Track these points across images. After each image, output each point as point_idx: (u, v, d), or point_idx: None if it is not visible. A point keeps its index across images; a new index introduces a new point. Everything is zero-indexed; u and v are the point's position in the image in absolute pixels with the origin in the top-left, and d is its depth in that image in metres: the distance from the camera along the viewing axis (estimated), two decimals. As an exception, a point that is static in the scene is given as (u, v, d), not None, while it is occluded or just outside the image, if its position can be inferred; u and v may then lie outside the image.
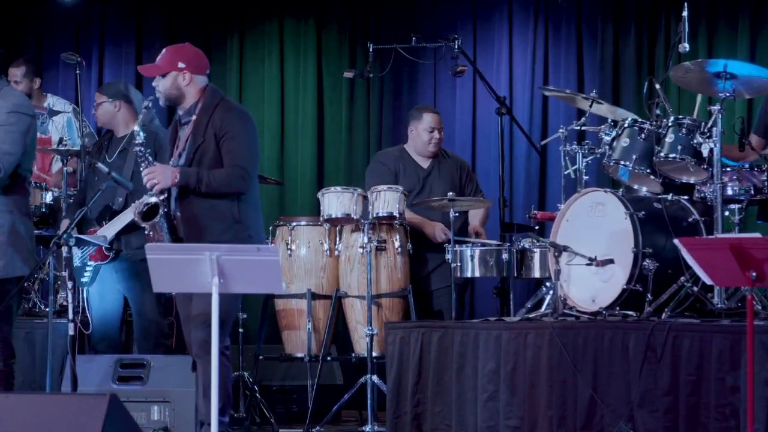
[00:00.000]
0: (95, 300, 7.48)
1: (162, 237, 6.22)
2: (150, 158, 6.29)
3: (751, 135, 7.29)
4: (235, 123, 6.30)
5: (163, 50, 6.40)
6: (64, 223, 7.27)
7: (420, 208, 7.80)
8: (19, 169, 6.17)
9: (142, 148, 6.30)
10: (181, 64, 6.33)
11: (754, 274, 5.02)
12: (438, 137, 8.04)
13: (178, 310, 6.50)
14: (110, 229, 7.29)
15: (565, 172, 7.37)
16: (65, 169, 8.14)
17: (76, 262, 7.43)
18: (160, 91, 6.34)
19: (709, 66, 6.74)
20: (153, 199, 6.21)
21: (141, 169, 6.32)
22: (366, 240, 7.45)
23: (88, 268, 7.43)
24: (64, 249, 6.21)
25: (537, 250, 7.40)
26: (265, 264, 5.37)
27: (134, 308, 7.49)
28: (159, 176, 6.22)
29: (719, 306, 6.46)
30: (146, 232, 6.33)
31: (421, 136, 8.03)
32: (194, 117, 6.34)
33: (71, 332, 6.23)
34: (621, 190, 7.02)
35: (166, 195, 6.26)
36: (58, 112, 8.77)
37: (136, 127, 6.34)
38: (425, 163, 8.06)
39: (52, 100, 8.88)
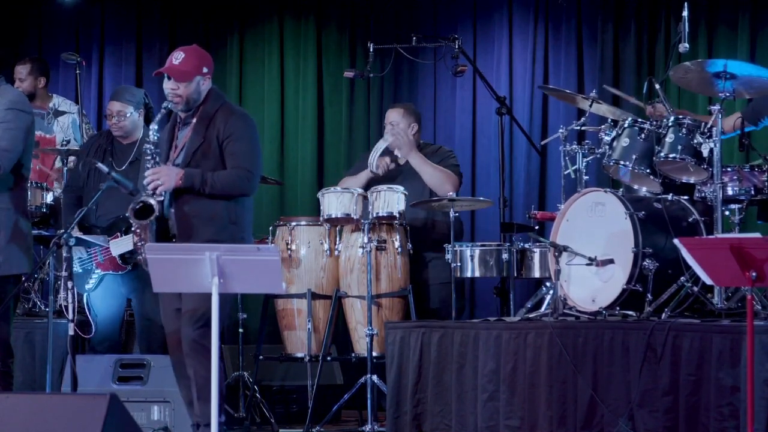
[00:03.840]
0: (97, 302, 7.47)
1: (147, 235, 6.22)
2: (157, 159, 6.28)
3: (736, 114, 7.29)
4: (238, 125, 6.31)
5: (180, 53, 6.33)
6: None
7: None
8: (18, 167, 6.17)
9: (153, 147, 6.29)
10: (205, 69, 6.34)
11: (754, 274, 5.02)
12: (388, 131, 7.93)
13: (161, 304, 6.45)
14: (123, 245, 7.27)
15: (565, 172, 7.37)
16: (65, 168, 8.14)
17: (78, 269, 7.42)
18: (180, 95, 6.29)
19: (710, 66, 6.74)
20: (151, 201, 6.20)
21: (146, 167, 6.31)
22: (366, 240, 7.45)
23: (93, 276, 7.42)
24: (64, 249, 6.21)
25: (537, 250, 7.41)
26: (265, 264, 5.37)
27: (139, 311, 7.48)
28: (164, 177, 6.21)
29: (719, 306, 6.46)
30: (133, 229, 6.33)
31: None
32: (195, 119, 6.35)
33: (71, 332, 6.23)
34: (621, 190, 7.02)
35: (162, 198, 6.26)
36: (63, 113, 8.77)
37: (153, 126, 6.32)
38: (402, 159, 8.02)
39: (57, 101, 8.88)
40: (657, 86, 7.14)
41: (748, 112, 7.32)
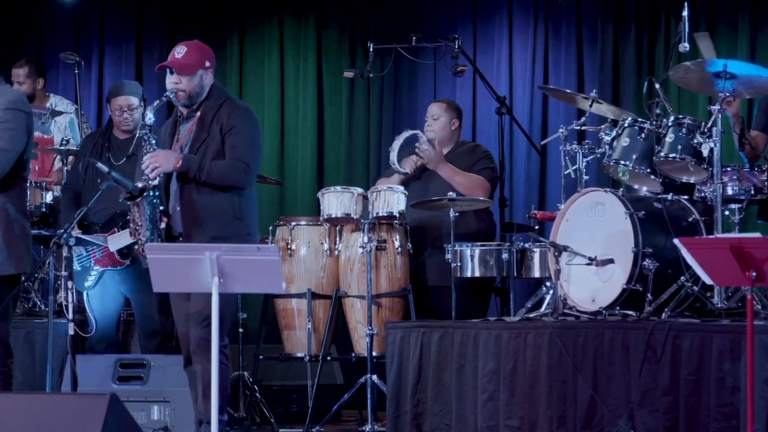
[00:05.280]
0: (95, 301, 7.47)
1: (143, 222, 6.23)
2: (153, 143, 6.29)
3: (754, 132, 7.27)
4: (241, 119, 6.35)
5: (183, 47, 6.36)
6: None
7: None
8: (17, 167, 6.17)
9: (149, 132, 6.30)
10: (207, 63, 6.36)
11: (754, 274, 5.02)
12: (430, 125, 7.96)
13: (172, 308, 6.48)
14: (120, 240, 7.27)
15: (565, 172, 7.37)
16: (65, 168, 8.14)
17: (77, 267, 7.42)
18: (183, 89, 6.32)
19: (709, 66, 6.75)
20: (140, 184, 6.22)
21: (143, 152, 6.32)
22: (366, 240, 7.45)
23: (93, 273, 7.42)
24: (64, 249, 6.21)
25: (537, 250, 7.41)
26: (265, 264, 5.37)
27: (138, 310, 7.49)
28: (161, 160, 6.24)
29: (719, 306, 6.46)
30: (129, 216, 6.34)
31: None
32: (199, 113, 6.37)
33: (71, 332, 6.23)
34: (621, 190, 7.02)
35: (158, 183, 6.27)
36: (60, 113, 8.76)
37: (149, 113, 6.32)
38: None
39: (54, 101, 8.86)
40: (657, 86, 7.14)
41: (759, 123, 7.31)
